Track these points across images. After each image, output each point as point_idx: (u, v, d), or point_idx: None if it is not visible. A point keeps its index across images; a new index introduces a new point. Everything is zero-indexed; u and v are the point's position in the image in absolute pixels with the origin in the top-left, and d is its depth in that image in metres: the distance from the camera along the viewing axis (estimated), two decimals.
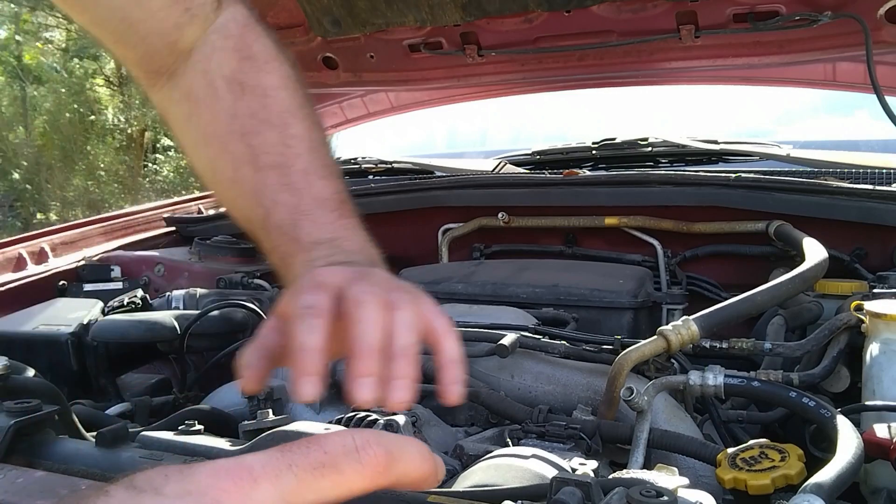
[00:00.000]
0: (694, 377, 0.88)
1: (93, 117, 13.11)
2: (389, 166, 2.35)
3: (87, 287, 1.67)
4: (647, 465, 0.80)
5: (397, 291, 0.58)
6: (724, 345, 1.00)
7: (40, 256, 1.73)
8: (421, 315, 0.57)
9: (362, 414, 0.88)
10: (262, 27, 0.80)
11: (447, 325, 0.58)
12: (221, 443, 0.81)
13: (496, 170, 2.18)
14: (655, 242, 1.59)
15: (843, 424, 0.72)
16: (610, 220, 1.61)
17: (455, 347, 0.57)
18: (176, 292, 1.52)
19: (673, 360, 1.01)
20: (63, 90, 12.46)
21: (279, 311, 0.60)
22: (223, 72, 0.75)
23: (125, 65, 0.86)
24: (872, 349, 0.88)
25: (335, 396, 1.13)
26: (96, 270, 1.73)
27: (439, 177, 2.13)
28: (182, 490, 0.35)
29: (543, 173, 2.02)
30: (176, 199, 2.32)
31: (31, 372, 0.96)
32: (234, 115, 0.74)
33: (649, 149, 2.08)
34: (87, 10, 0.77)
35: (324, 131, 0.78)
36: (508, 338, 1.02)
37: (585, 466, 0.71)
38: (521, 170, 2.18)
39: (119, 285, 1.68)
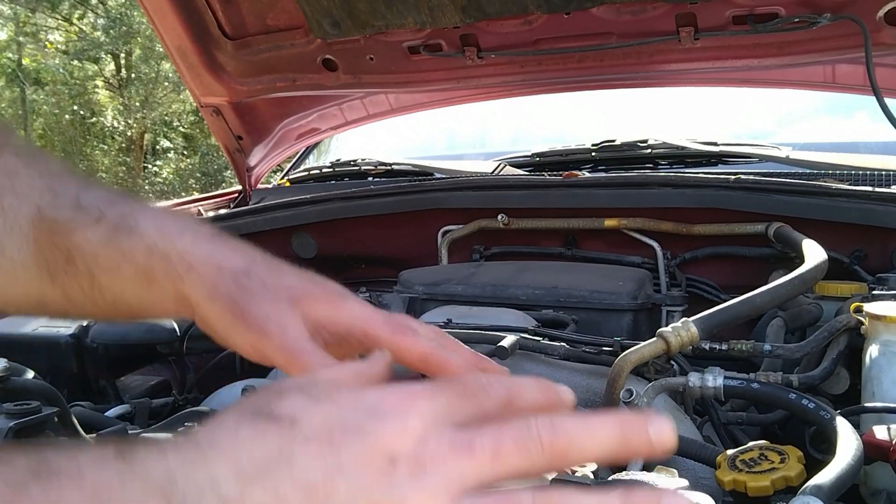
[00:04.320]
0: (693, 379, 0.88)
1: (93, 119, 13.12)
2: (389, 168, 2.35)
3: None
4: (647, 466, 0.80)
5: None
6: (724, 346, 1.00)
7: None
8: None
9: None
10: None
11: None
12: None
13: (496, 171, 2.18)
14: (655, 244, 1.59)
15: (843, 426, 0.72)
16: (610, 222, 1.61)
17: None
18: None
19: (672, 362, 1.01)
20: (65, 91, 12.46)
21: None
22: None
23: None
24: (872, 351, 0.88)
25: None
26: None
27: (439, 178, 2.13)
28: (353, 400, 0.42)
29: (543, 175, 2.02)
30: (175, 200, 2.32)
31: (30, 374, 0.96)
32: None
33: (649, 150, 2.08)
34: None
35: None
36: (508, 339, 1.02)
37: (585, 468, 0.71)
38: (520, 172, 2.18)
39: None
